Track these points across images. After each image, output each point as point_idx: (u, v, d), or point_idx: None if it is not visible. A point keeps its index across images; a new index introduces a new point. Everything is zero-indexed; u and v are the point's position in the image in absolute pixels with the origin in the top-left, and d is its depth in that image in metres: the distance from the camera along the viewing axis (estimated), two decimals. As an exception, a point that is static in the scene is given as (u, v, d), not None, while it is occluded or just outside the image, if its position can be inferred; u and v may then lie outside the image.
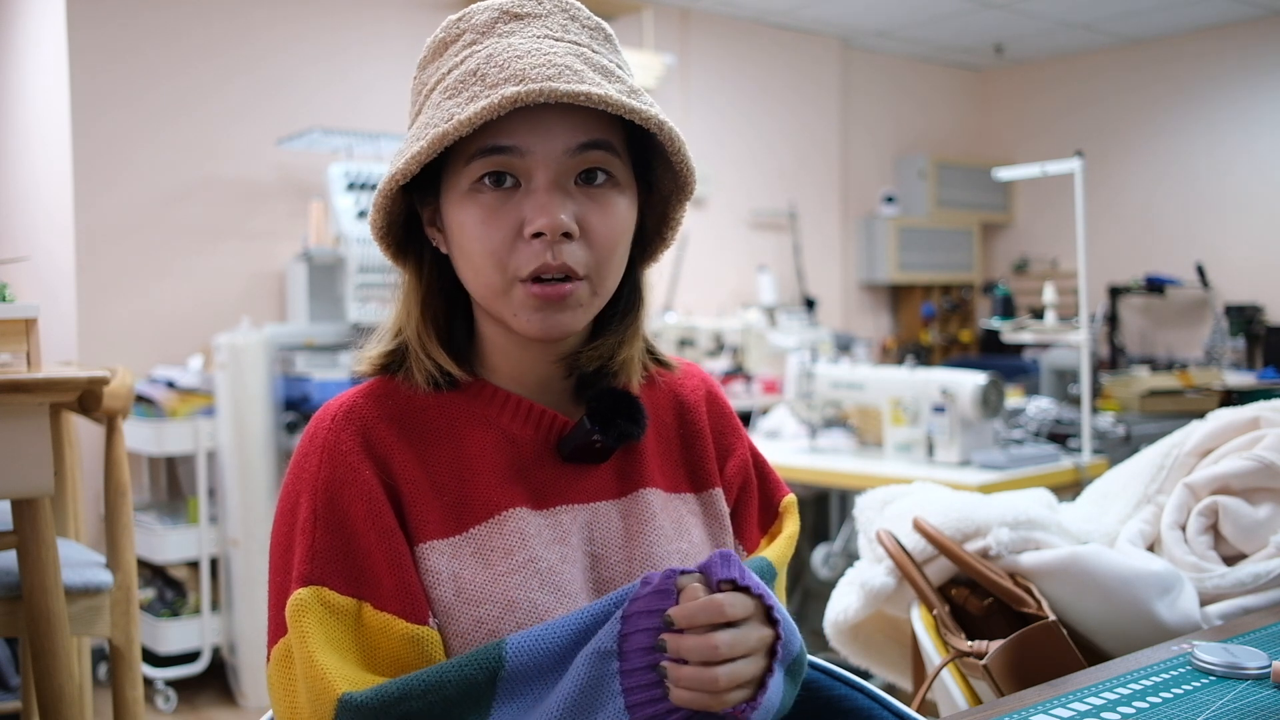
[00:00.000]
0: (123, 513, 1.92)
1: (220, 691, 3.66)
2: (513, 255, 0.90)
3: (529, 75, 0.86)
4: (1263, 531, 1.45)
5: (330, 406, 0.96)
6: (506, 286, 0.91)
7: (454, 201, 0.92)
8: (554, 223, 0.88)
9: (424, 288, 0.98)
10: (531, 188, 0.89)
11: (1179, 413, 3.77)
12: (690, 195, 0.98)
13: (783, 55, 6.01)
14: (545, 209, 0.88)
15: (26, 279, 3.99)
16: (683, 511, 1.02)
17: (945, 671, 1.44)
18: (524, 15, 0.94)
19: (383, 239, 0.96)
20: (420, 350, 0.96)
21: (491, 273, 0.91)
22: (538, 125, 0.88)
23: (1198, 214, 6.23)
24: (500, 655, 0.83)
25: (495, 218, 0.90)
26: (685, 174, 0.95)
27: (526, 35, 0.92)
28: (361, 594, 0.88)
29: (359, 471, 0.91)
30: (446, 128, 0.86)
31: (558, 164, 0.89)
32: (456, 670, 0.83)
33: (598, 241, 0.91)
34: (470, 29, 0.94)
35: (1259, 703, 1.00)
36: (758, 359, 4.62)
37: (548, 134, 0.89)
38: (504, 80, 0.87)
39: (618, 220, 0.92)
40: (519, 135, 0.88)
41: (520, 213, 0.89)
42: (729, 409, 1.11)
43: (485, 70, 0.88)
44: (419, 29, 4.49)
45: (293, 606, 0.87)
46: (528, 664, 0.84)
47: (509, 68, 0.87)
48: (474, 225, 0.90)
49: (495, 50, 0.90)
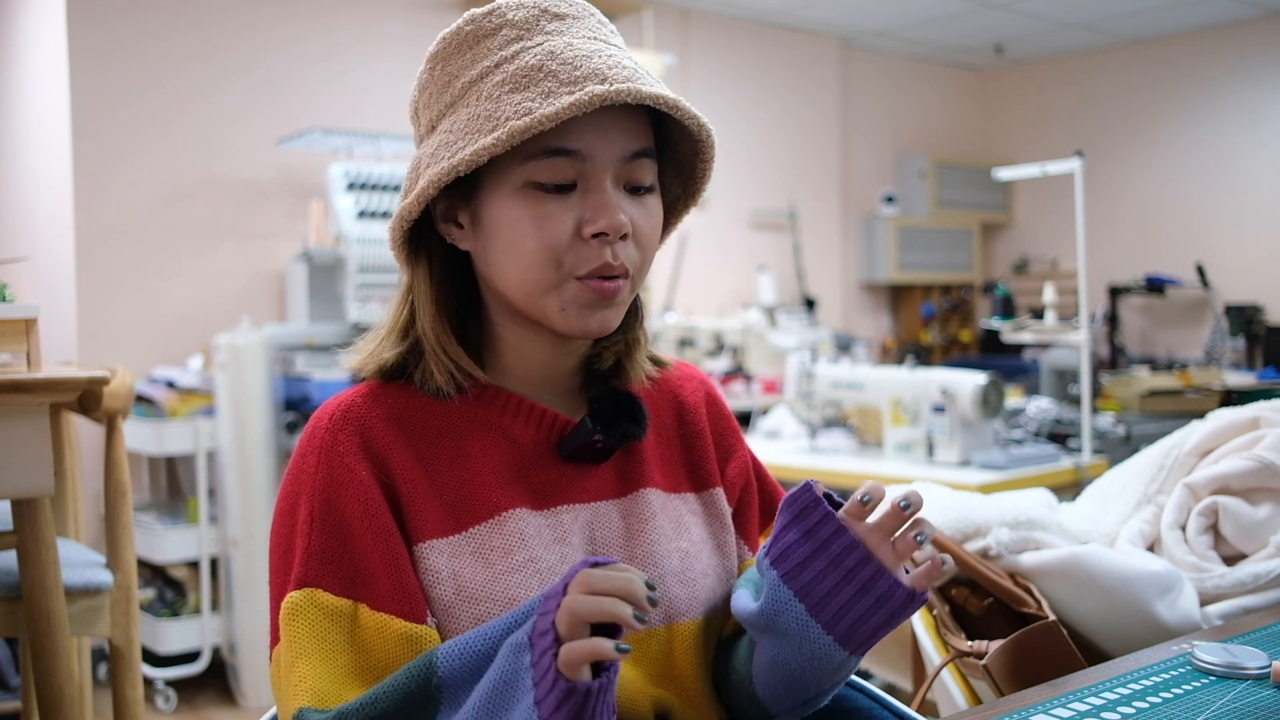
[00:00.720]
0: (123, 513, 1.92)
1: (220, 691, 3.66)
2: (569, 253, 0.90)
3: (609, 75, 0.88)
4: (1263, 531, 1.45)
5: (328, 407, 0.95)
6: (559, 282, 0.91)
7: (501, 197, 0.91)
8: (616, 223, 0.89)
9: (436, 286, 0.97)
10: (589, 188, 0.90)
11: (1179, 413, 3.77)
12: (696, 203, 1.01)
13: (783, 55, 6.01)
14: (608, 210, 0.90)
15: (26, 279, 3.99)
16: (683, 511, 1.02)
17: (945, 671, 1.44)
18: (564, 15, 0.94)
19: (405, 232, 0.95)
20: (440, 350, 0.95)
21: (545, 268, 0.91)
22: (600, 130, 0.90)
23: (1198, 214, 6.23)
24: (431, 664, 0.82)
25: (552, 215, 0.90)
26: (701, 182, 0.98)
27: (578, 36, 0.92)
28: (357, 595, 0.88)
29: (355, 472, 0.91)
30: (529, 121, 0.85)
31: (615, 168, 0.91)
32: (391, 683, 0.82)
33: (644, 243, 0.94)
34: (508, 24, 0.93)
35: (1259, 703, 1.00)
36: (758, 359, 4.62)
37: (608, 139, 0.90)
38: (583, 78, 0.87)
39: (657, 224, 0.95)
40: (585, 139, 0.89)
41: (578, 211, 0.90)
42: (728, 411, 1.12)
43: (553, 67, 0.88)
44: (419, 29, 4.49)
45: (286, 609, 0.87)
46: (460, 669, 0.81)
47: (582, 66, 0.88)
48: (529, 222, 0.90)
49: (556, 48, 0.90)
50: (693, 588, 0.98)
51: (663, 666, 0.96)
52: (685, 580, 0.98)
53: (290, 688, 0.85)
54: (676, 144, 0.98)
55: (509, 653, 0.78)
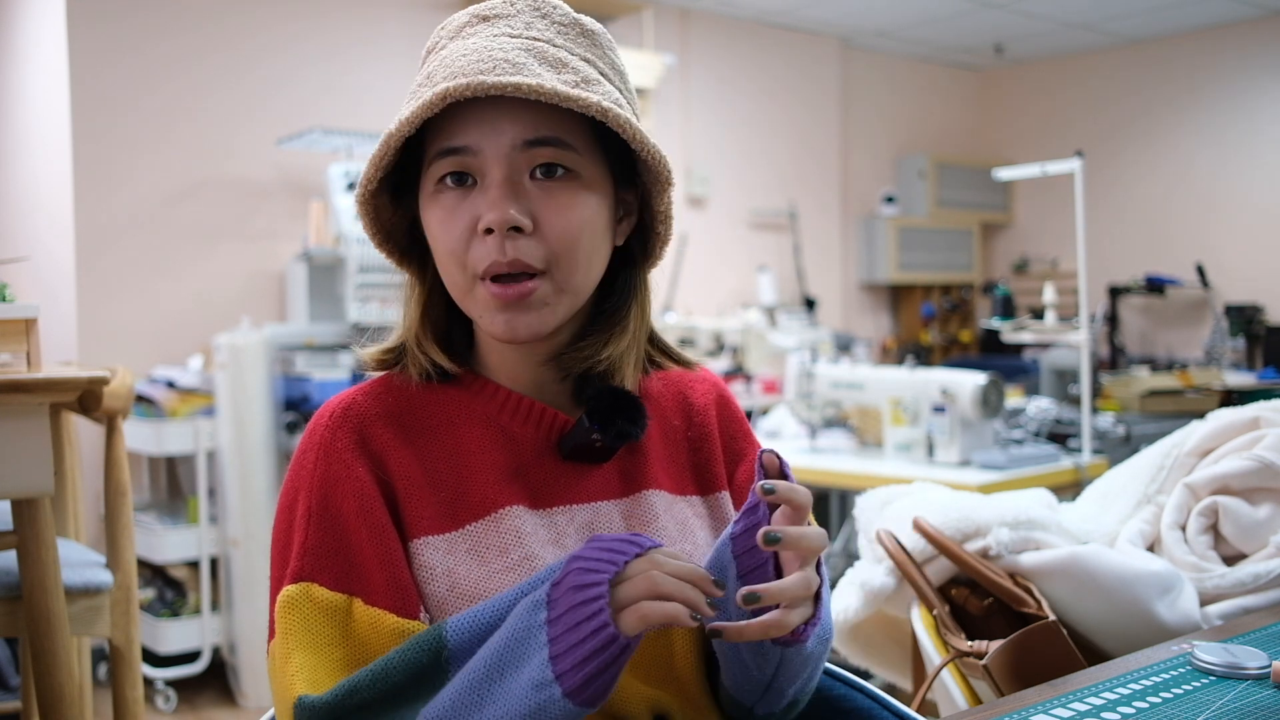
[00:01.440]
0: (123, 513, 1.92)
1: (220, 691, 3.66)
2: (470, 253, 0.91)
3: (464, 71, 0.88)
4: (1263, 531, 1.45)
5: (329, 405, 0.97)
6: (469, 285, 0.92)
7: (424, 203, 0.94)
8: (501, 217, 0.88)
9: (425, 289, 0.99)
10: (485, 185, 0.90)
11: (1179, 413, 3.77)
12: (668, 184, 0.96)
13: (783, 55, 6.01)
14: (494, 204, 0.89)
15: (26, 279, 3.99)
16: (688, 514, 1.02)
17: (945, 671, 1.44)
18: (491, 17, 0.95)
19: (383, 245, 0.98)
20: (416, 349, 0.98)
21: (454, 272, 0.92)
22: (485, 122, 0.90)
23: (1198, 214, 6.23)
24: (441, 635, 0.84)
25: (453, 216, 0.91)
26: (654, 162, 0.93)
27: (484, 35, 0.93)
28: (352, 590, 0.88)
29: (352, 469, 0.92)
30: (391, 129, 0.88)
31: (509, 159, 0.90)
32: (400, 655, 0.84)
33: (554, 236, 0.90)
34: (444, 35, 0.96)
35: (1259, 703, 1.00)
36: (758, 359, 4.62)
37: (496, 131, 0.89)
38: (443, 79, 0.89)
39: (577, 215, 0.91)
40: (470, 134, 0.90)
41: (475, 210, 0.90)
42: (740, 414, 1.11)
43: (435, 71, 0.91)
44: (419, 29, 4.49)
45: (281, 603, 0.88)
46: (470, 639, 0.84)
47: (451, 66, 0.89)
48: (436, 225, 0.92)
49: (450, 52, 0.92)
50: None
51: (663, 668, 0.96)
52: None
53: (286, 678, 0.86)
54: None
55: (524, 610, 0.80)
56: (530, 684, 0.77)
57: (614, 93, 0.93)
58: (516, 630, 0.80)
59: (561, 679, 0.76)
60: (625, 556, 0.79)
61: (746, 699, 0.95)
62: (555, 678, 0.76)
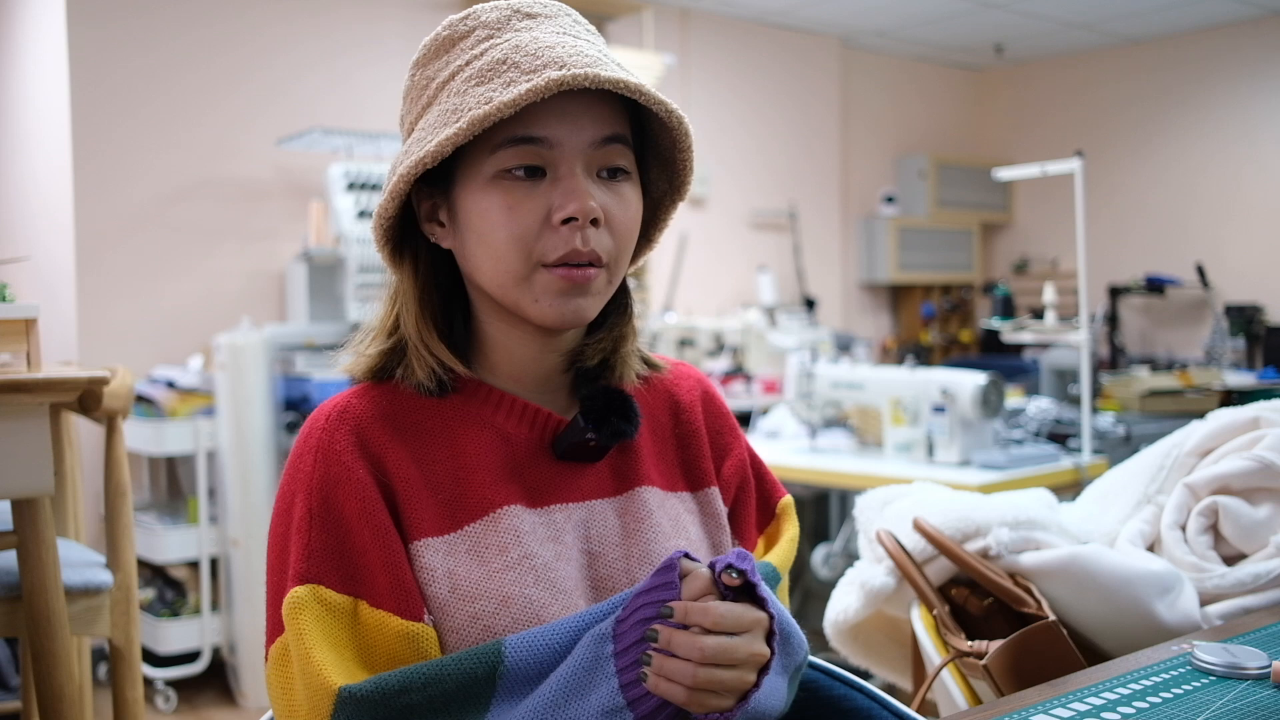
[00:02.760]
0: (123, 513, 1.92)
1: (220, 691, 3.66)
2: (539, 241, 0.91)
3: (569, 61, 0.88)
4: (1263, 531, 1.45)
5: (325, 407, 0.96)
6: (529, 272, 0.92)
7: (474, 190, 0.92)
8: (585, 208, 0.89)
9: (420, 285, 0.98)
10: (559, 175, 0.91)
11: (1179, 413, 3.77)
12: (683, 198, 1.00)
13: (783, 55, 6.01)
14: (577, 195, 0.90)
15: (26, 279, 3.99)
16: (680, 510, 1.03)
17: (945, 671, 1.44)
18: (536, 15, 0.96)
19: (386, 231, 0.96)
20: (421, 346, 0.96)
21: (515, 258, 0.91)
22: (566, 116, 0.90)
23: (1198, 214, 6.23)
24: (499, 652, 0.84)
25: (522, 204, 0.90)
26: (684, 174, 0.97)
27: (547, 31, 0.93)
28: (358, 592, 0.88)
29: (353, 470, 0.91)
30: (488, 109, 0.86)
31: (585, 155, 0.91)
32: (456, 665, 0.84)
33: (618, 230, 0.93)
34: (481, 26, 0.95)
35: (1259, 703, 1.00)
36: (758, 359, 4.62)
37: (576, 125, 0.90)
38: (543, 65, 0.88)
39: (633, 212, 0.95)
40: (550, 126, 0.90)
41: (548, 200, 0.90)
42: (725, 409, 1.12)
43: (516, 59, 0.90)
44: (419, 30, 4.49)
45: (289, 604, 0.87)
46: (527, 661, 0.85)
47: (544, 55, 0.89)
48: (499, 212, 0.91)
49: (521, 41, 0.91)
50: None
51: None
52: None
53: (312, 676, 0.85)
54: (658, 137, 0.99)
55: (590, 642, 0.83)
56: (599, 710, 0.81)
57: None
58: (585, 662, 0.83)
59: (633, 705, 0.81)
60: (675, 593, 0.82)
61: None
62: (627, 704, 0.81)
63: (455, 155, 0.93)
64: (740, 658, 0.80)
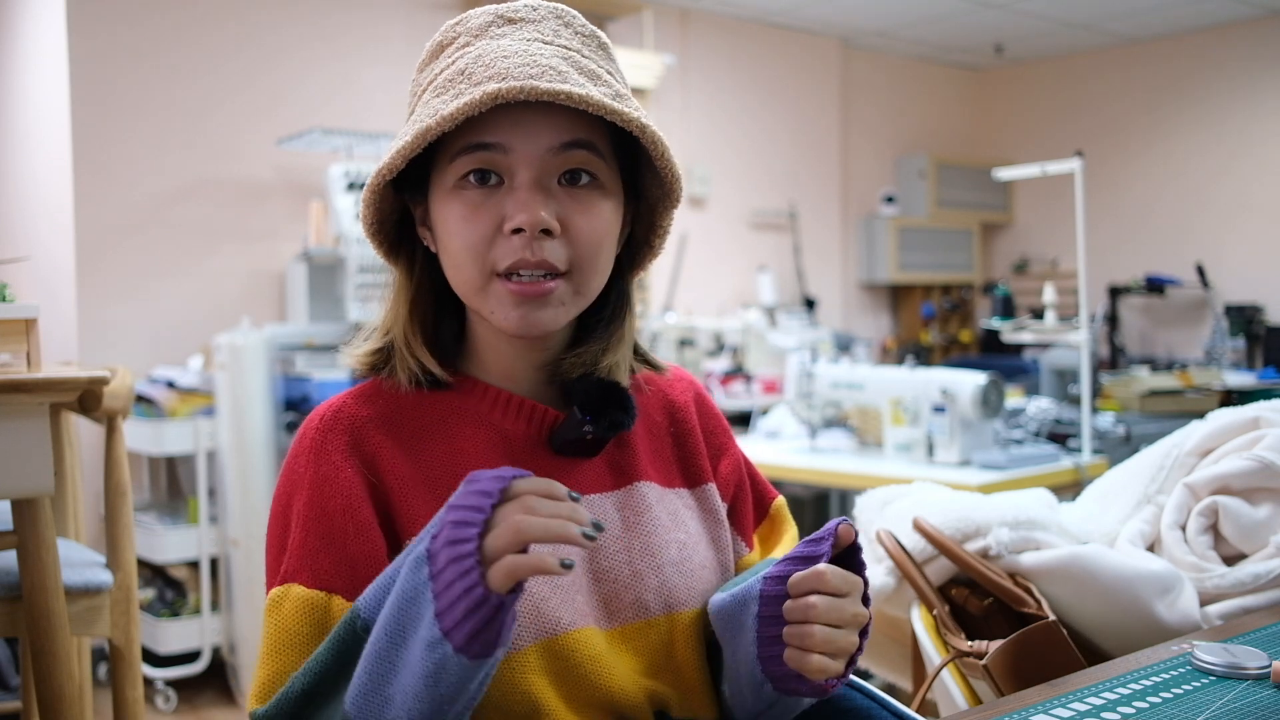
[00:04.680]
0: (123, 513, 1.92)
1: (220, 691, 3.66)
2: (492, 250, 0.91)
3: (512, 74, 0.88)
4: (1263, 531, 1.45)
5: (319, 410, 0.97)
6: (484, 282, 0.92)
7: (439, 198, 0.94)
8: (533, 218, 0.89)
9: (414, 287, 1.00)
10: (514, 185, 0.91)
11: (1179, 413, 3.77)
12: (677, 203, 1.00)
13: (783, 55, 6.01)
14: (525, 205, 0.90)
15: (26, 279, 3.99)
16: (678, 505, 1.04)
17: (945, 671, 1.44)
18: (517, 20, 0.96)
19: (374, 236, 0.98)
20: (405, 349, 0.98)
21: (471, 268, 0.92)
22: (520, 124, 0.90)
23: (1198, 214, 6.23)
24: (356, 614, 0.84)
25: (477, 214, 0.91)
26: (671, 180, 0.97)
27: (517, 38, 0.93)
28: (333, 587, 0.89)
29: (341, 471, 0.92)
30: (430, 123, 0.87)
31: (540, 162, 0.91)
32: (328, 647, 0.84)
33: (579, 240, 0.92)
34: (465, 32, 0.96)
35: (1259, 703, 1.00)
36: (758, 359, 4.63)
37: (530, 132, 0.90)
38: (488, 78, 0.89)
39: (600, 221, 0.94)
40: (502, 133, 0.90)
41: (502, 209, 0.91)
42: (717, 411, 1.14)
43: (472, 69, 0.90)
44: (419, 30, 4.49)
45: (266, 605, 0.90)
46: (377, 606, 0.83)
47: (494, 66, 0.89)
48: (456, 221, 0.92)
49: (484, 51, 0.92)
50: (691, 578, 1.00)
51: (663, 656, 0.97)
52: (684, 571, 0.99)
53: (252, 686, 0.87)
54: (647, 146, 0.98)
55: (409, 569, 0.78)
56: (424, 644, 0.76)
57: (641, 109, 0.95)
58: (406, 591, 0.78)
59: (449, 636, 0.74)
60: (492, 499, 0.75)
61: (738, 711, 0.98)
62: (443, 635, 0.74)
63: (427, 162, 0.95)
64: (846, 617, 0.86)
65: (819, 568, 0.87)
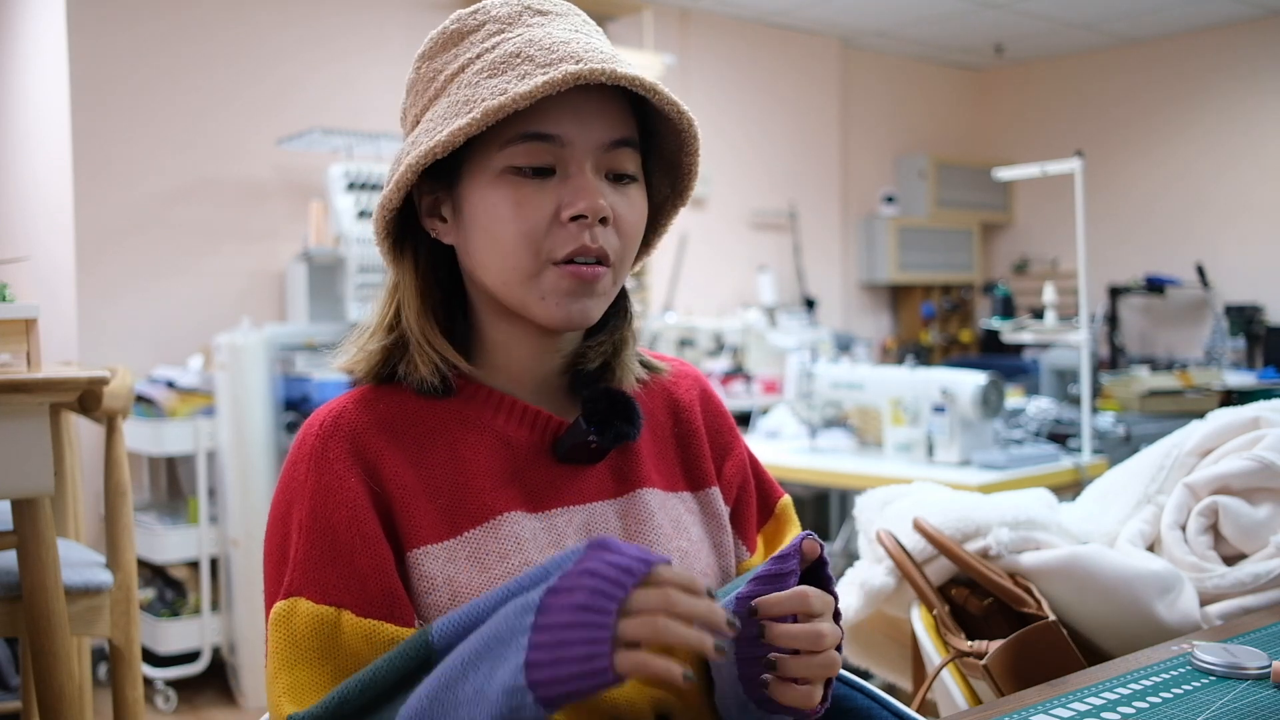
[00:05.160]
0: (123, 513, 1.92)
1: (220, 691, 3.66)
2: (548, 238, 0.90)
3: (585, 56, 0.88)
4: (1263, 531, 1.45)
5: (319, 414, 0.95)
6: (538, 269, 0.91)
7: (480, 185, 0.92)
8: (595, 205, 0.89)
9: (421, 280, 0.97)
10: (569, 173, 0.90)
11: (1179, 413, 3.77)
12: (685, 202, 1.00)
13: (783, 55, 6.01)
14: (587, 192, 0.89)
15: (26, 279, 3.99)
16: (680, 510, 1.02)
17: (945, 671, 1.44)
18: (547, 12, 0.95)
19: (387, 225, 0.94)
20: (424, 341, 0.95)
21: (523, 255, 0.90)
22: (579, 115, 0.90)
23: (1198, 214, 6.23)
24: (427, 636, 0.82)
25: (531, 200, 0.90)
26: (688, 178, 0.97)
27: (560, 28, 0.93)
28: (342, 602, 0.87)
29: (344, 479, 0.90)
30: (503, 100, 0.85)
31: (594, 156, 0.91)
32: (388, 661, 0.82)
33: (625, 231, 0.93)
34: (492, 20, 0.94)
35: (1259, 703, 1.00)
36: (758, 359, 4.62)
37: (588, 125, 0.90)
38: (559, 60, 0.88)
39: (640, 215, 0.95)
40: (563, 124, 0.89)
41: (557, 196, 0.90)
42: (724, 409, 1.11)
43: (530, 52, 0.89)
44: (419, 29, 4.48)
45: (272, 619, 0.88)
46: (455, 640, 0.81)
47: (559, 50, 0.89)
48: (508, 207, 0.90)
49: (535, 36, 0.91)
50: None
51: None
52: None
53: (275, 699, 0.85)
54: (663, 140, 0.98)
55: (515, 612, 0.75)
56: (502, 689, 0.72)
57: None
58: (501, 632, 0.74)
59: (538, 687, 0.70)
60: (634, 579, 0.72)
61: None
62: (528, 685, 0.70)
63: (462, 149, 0.91)
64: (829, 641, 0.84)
65: (802, 590, 0.84)
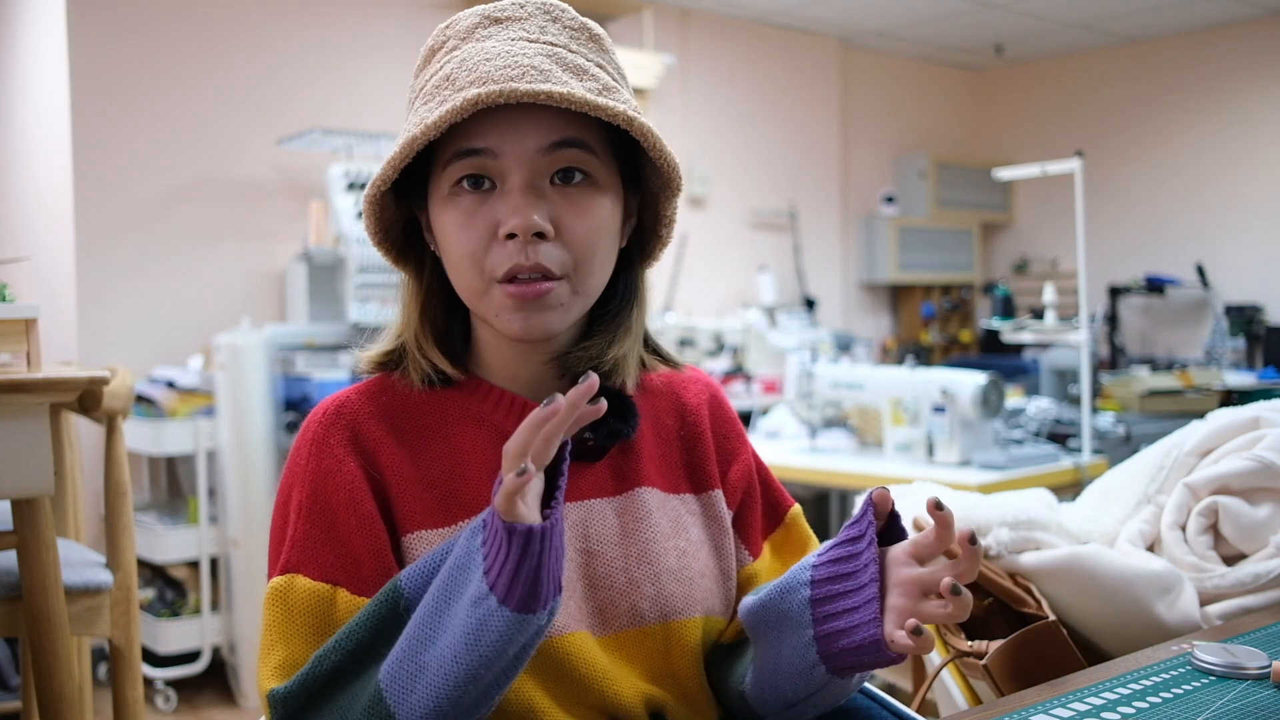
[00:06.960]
0: (123, 513, 1.92)
1: (220, 691, 3.66)
2: (488, 256, 0.91)
3: (492, 77, 0.88)
4: (1263, 531, 1.45)
5: (323, 404, 0.98)
6: (485, 288, 0.92)
7: (436, 205, 0.94)
8: (526, 223, 0.89)
9: (424, 290, 1.00)
10: (506, 189, 0.91)
11: (1179, 413, 3.77)
12: (677, 191, 0.98)
13: (783, 55, 6.01)
14: (518, 209, 0.89)
15: (26, 279, 3.99)
16: (681, 511, 1.02)
17: (945, 671, 1.44)
18: (504, 19, 0.95)
19: (381, 244, 0.99)
20: (417, 351, 0.98)
21: (470, 274, 0.92)
22: (509, 126, 0.90)
23: (1198, 214, 6.23)
24: (397, 585, 0.85)
25: (471, 220, 0.91)
26: (668, 170, 0.95)
27: (501, 39, 0.93)
28: (338, 580, 0.89)
29: (344, 464, 0.93)
30: (415, 132, 0.88)
31: (530, 164, 0.90)
32: (362, 615, 0.85)
33: (574, 241, 0.92)
34: (454, 35, 0.96)
35: (1259, 703, 1.00)
36: (758, 359, 4.62)
37: (518, 134, 0.90)
38: (470, 83, 0.88)
39: (595, 220, 0.93)
40: (491, 137, 0.90)
41: (495, 214, 0.91)
42: (733, 414, 1.11)
43: (455, 74, 0.90)
44: (419, 30, 4.49)
45: (268, 594, 0.90)
46: (423, 583, 0.84)
47: (476, 70, 0.89)
48: (452, 228, 0.92)
49: (468, 55, 0.92)
50: (689, 586, 0.98)
51: (660, 663, 0.97)
52: (682, 579, 0.98)
53: (263, 675, 0.87)
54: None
55: (466, 537, 0.81)
56: (469, 602, 0.78)
57: (631, 100, 0.94)
58: (460, 559, 0.80)
59: (494, 588, 0.76)
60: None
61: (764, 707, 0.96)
62: (489, 589, 0.76)
63: (425, 167, 0.95)
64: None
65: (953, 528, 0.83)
